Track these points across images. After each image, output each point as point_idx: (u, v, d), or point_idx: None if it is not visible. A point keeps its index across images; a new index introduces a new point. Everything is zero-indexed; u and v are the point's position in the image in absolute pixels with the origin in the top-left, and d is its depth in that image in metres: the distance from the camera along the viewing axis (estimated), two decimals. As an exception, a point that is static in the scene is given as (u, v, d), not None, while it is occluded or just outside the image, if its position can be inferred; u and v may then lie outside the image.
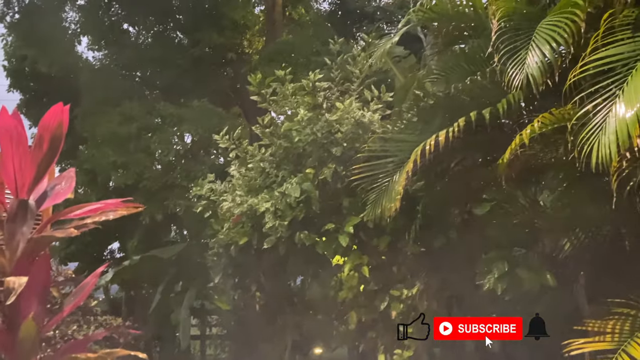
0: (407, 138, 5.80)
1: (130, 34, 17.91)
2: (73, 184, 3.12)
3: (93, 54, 17.43)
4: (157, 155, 14.39)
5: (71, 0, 16.85)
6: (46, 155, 2.84)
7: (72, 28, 16.83)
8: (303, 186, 6.35)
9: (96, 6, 16.76)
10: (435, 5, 5.49)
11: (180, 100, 15.89)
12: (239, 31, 18.20)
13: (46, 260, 2.68)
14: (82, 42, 17.05)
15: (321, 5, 19.49)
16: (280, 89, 7.57)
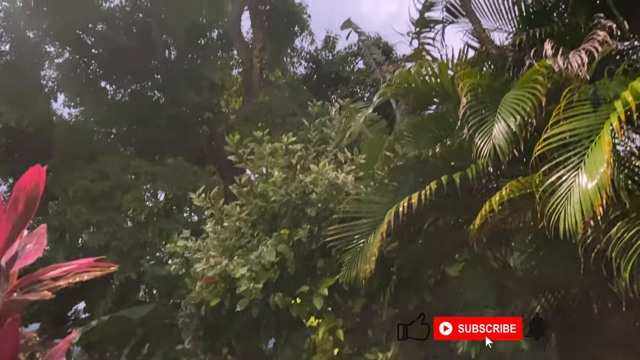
0: (380, 200, 5.91)
1: (107, 92, 18.14)
2: (44, 242, 3.08)
3: (69, 111, 17.49)
4: (129, 213, 14.25)
5: (49, 59, 17.04)
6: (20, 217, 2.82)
7: (49, 85, 16.94)
8: (278, 248, 6.36)
9: (75, 64, 17.01)
10: (405, 79, 5.75)
11: (155, 158, 15.94)
12: (216, 91, 18.65)
13: (15, 325, 2.61)
14: (58, 99, 17.12)
15: (297, 69, 20.17)
16: (257, 149, 7.69)
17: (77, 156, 14.89)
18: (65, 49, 17.29)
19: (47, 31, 16.30)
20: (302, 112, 14.06)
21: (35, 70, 16.48)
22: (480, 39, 6.34)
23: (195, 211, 14.63)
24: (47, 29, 16.12)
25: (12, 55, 16.12)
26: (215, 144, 17.43)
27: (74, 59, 17.23)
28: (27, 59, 16.07)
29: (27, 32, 16.23)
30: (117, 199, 14.05)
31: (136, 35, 17.63)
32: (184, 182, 14.19)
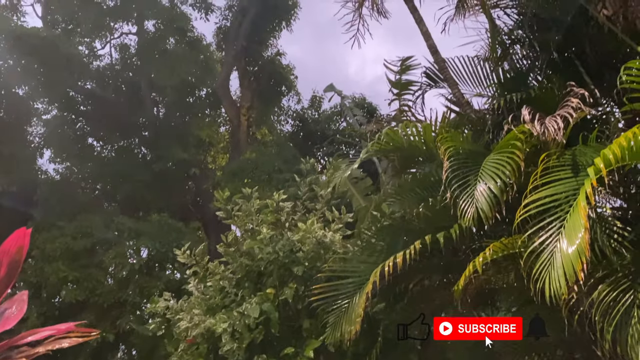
0: (366, 259, 5.92)
1: (94, 148, 18.23)
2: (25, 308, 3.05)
3: (55, 166, 17.46)
4: (110, 270, 14.02)
5: (37, 115, 17.18)
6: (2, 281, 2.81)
7: (35, 141, 16.99)
8: (263, 306, 6.26)
9: (62, 121, 17.16)
10: (390, 138, 5.92)
11: (139, 214, 15.85)
12: (203, 148, 18.88)
13: (-8, 394, 2.54)
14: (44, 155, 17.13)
15: (284, 127, 20.55)
16: (245, 206, 7.70)
17: (60, 213, 14.76)
18: (53, 106, 17.48)
19: (37, 88, 16.51)
20: (288, 168, 14.24)
21: (22, 126, 16.56)
22: (459, 104, 6.60)
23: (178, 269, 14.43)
24: (36, 85, 16.33)
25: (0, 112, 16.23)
26: (201, 200, 17.44)
27: (62, 116, 17.41)
28: (15, 116, 16.17)
29: (16, 89, 16.42)
30: (99, 255, 13.86)
31: (125, 93, 17.97)
32: (167, 239, 14.07)
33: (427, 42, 7.29)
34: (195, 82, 18.37)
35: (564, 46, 6.12)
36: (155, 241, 14.21)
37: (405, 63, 7.40)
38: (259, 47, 18.68)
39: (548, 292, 3.68)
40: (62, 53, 15.22)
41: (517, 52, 6.89)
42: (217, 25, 19.71)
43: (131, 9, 17.39)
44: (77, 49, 17.13)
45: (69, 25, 17.72)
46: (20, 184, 15.45)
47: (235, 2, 19.01)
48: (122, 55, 18.76)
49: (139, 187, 16.01)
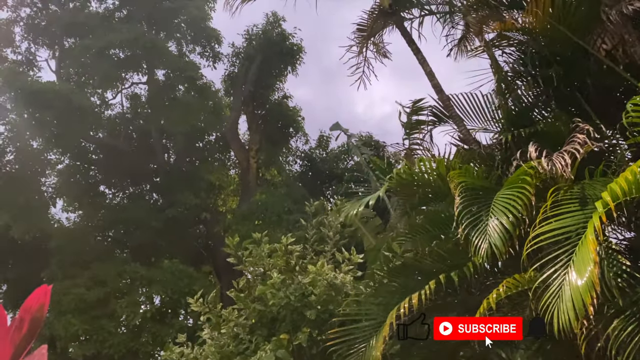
0: (380, 300, 5.87)
1: (106, 195, 18.43)
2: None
3: (67, 215, 17.65)
4: (122, 320, 13.95)
5: (51, 165, 17.49)
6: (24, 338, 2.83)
7: (48, 191, 17.23)
8: (277, 353, 6.18)
9: (74, 170, 17.44)
10: (400, 177, 5.97)
11: (151, 260, 15.88)
12: (214, 192, 19.03)
13: None
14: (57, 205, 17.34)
15: (292, 167, 20.72)
16: (255, 251, 7.71)
17: (73, 263, 14.83)
18: (66, 156, 17.80)
19: (50, 139, 16.86)
20: (298, 209, 14.28)
21: (35, 178, 16.84)
22: (467, 141, 6.66)
23: (191, 315, 14.33)
24: (50, 137, 16.69)
25: (15, 165, 16.55)
26: (212, 243, 17.47)
27: (74, 165, 17.71)
28: (29, 168, 16.49)
29: (30, 141, 16.80)
30: (112, 304, 13.83)
31: (136, 141, 18.30)
32: (179, 285, 14.04)
33: (432, 82, 7.44)
34: (205, 127, 18.71)
35: (567, 80, 6.21)
36: (167, 288, 14.20)
37: (416, 105, 7.55)
38: (266, 91, 19.09)
39: (556, 325, 3.64)
40: (75, 105, 15.65)
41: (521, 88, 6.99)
42: (225, 72, 20.25)
43: (141, 60, 17.91)
44: (89, 100, 17.59)
45: (81, 78, 18.25)
46: (35, 234, 15.60)
47: (242, 49, 19.54)
48: (133, 104, 19.22)
49: (150, 233, 16.09)
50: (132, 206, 17.52)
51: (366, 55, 8.87)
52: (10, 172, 16.42)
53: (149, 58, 17.66)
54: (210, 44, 19.22)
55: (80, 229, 17.08)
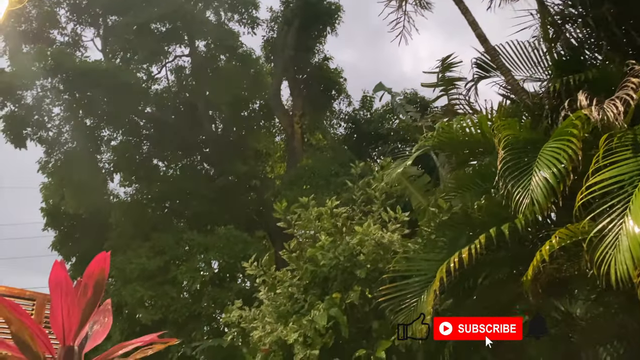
0: (430, 257, 5.88)
1: (159, 168, 19.01)
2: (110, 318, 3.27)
3: (125, 190, 18.42)
4: (184, 285, 14.56)
5: (106, 142, 18.19)
6: (90, 302, 3.03)
7: (106, 167, 17.97)
8: (331, 312, 6.34)
9: (128, 146, 18.04)
10: (445, 132, 5.86)
11: (207, 228, 16.40)
12: (261, 159, 19.29)
13: (89, 408, 2.75)
14: (114, 180, 18.09)
15: (337, 130, 20.62)
16: (303, 214, 7.85)
17: (133, 234, 15.53)
18: (118, 132, 18.44)
19: (102, 117, 17.51)
20: (345, 172, 14.31)
21: (92, 155, 17.59)
22: (514, 91, 6.42)
23: (247, 278, 14.81)
24: (101, 115, 17.33)
25: (72, 143, 17.34)
26: (264, 209, 17.83)
27: (126, 141, 18.31)
28: (85, 145, 17.22)
29: (84, 120, 17.48)
30: (172, 272, 14.43)
31: (184, 113, 18.68)
32: (234, 251, 14.48)
33: (475, 32, 7.16)
34: (248, 95, 18.84)
35: (620, 19, 5.82)
36: (223, 253, 14.67)
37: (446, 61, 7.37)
38: (306, 54, 18.92)
39: (614, 275, 3.54)
40: (122, 81, 16.12)
41: (571, 31, 6.63)
42: (265, 38, 20.18)
43: (182, 32, 18.11)
44: (135, 75, 18.03)
45: (126, 54, 18.66)
46: (95, 209, 16.41)
47: (280, 13, 19.38)
48: (178, 77, 19.54)
49: (204, 202, 16.58)
50: (185, 177, 18.05)
51: (406, 8, 8.61)
52: (67, 151, 17.22)
53: (190, 30, 17.82)
54: (248, 10, 19.15)
55: (138, 201, 17.80)
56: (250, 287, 13.82)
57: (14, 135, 16.21)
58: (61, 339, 2.91)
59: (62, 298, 2.84)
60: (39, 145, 16.88)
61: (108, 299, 3.62)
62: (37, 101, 16.53)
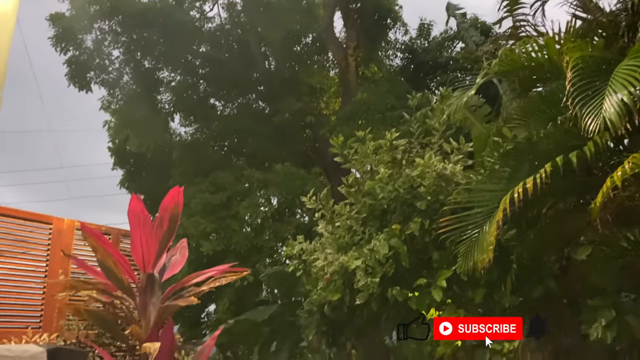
0: (492, 187, 5.78)
1: (217, 108, 19.31)
2: (186, 254, 3.49)
3: (185, 129, 18.93)
4: (246, 219, 15.09)
5: (165, 83, 18.56)
6: (166, 233, 3.21)
7: (165, 108, 18.44)
8: (391, 242, 6.44)
9: (186, 86, 18.34)
10: (509, 58, 5.57)
11: (265, 165, 16.74)
12: (316, 95, 19.15)
13: (171, 327, 2.98)
14: (175, 119, 18.58)
15: (393, 61, 19.97)
16: (360, 148, 7.85)
17: (194, 172, 16.08)
18: (176, 73, 18.72)
19: (159, 58, 17.78)
20: (402, 104, 14.01)
21: (152, 95, 18.05)
22: (586, 9, 5.95)
23: (306, 212, 15.16)
24: (158, 56, 17.59)
25: (132, 85, 17.82)
26: (319, 146, 17.91)
27: (184, 81, 18.59)
28: (145, 86, 17.66)
29: (143, 61, 17.83)
30: (234, 207, 14.95)
31: (237, 51, 18.63)
32: (292, 187, 14.77)
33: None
34: (301, 29, 18.46)
35: None
36: (282, 189, 15.01)
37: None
38: (359, -18, 18.15)
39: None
40: (177, 21, 16.17)
41: None
42: (315, -32, 19.46)
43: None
44: (189, 14, 18.03)
45: (178, -7, 18.61)
46: (158, 148, 17.04)
47: (329, -60, 18.51)
48: (230, 14, 19.36)
49: (261, 140, 16.83)
50: (241, 116, 18.28)
51: None
52: (128, 93, 17.75)
53: (239, -37, 17.43)
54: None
55: (198, 140, 18.30)
56: (309, 221, 14.17)
57: (78, 79, 16.80)
58: (142, 267, 3.12)
59: (140, 229, 3.03)
60: (102, 87, 17.47)
61: (184, 238, 3.81)
62: (96, 44, 16.93)
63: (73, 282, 3.29)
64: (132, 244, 3.02)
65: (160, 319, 2.85)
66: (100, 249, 2.81)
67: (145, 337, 2.67)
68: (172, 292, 3.19)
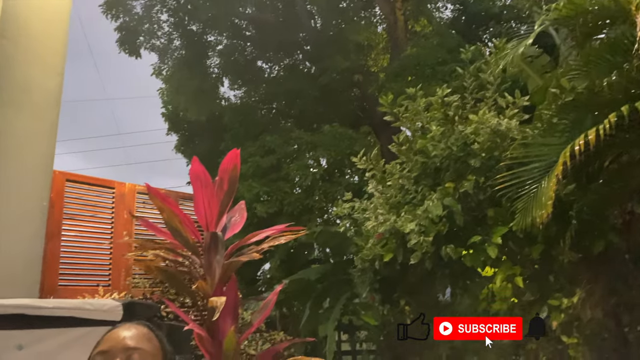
0: (551, 141, 5.58)
1: (264, 70, 19.34)
2: (245, 215, 3.59)
3: (234, 93, 19.13)
4: (296, 181, 15.29)
5: (212, 47, 18.69)
6: (226, 194, 3.32)
7: (215, 72, 18.62)
8: (444, 201, 6.38)
9: (233, 49, 18.42)
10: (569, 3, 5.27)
11: (313, 127, 16.76)
12: (363, 52, 18.80)
13: (235, 283, 3.12)
14: (224, 84, 18.77)
15: (443, 14, 19.23)
16: (411, 106, 7.70)
17: (244, 135, 16.31)
18: (223, 36, 18.79)
19: (206, 22, 17.87)
20: (453, 58, 13.57)
21: (201, 60, 18.25)
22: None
23: (355, 173, 15.17)
24: (206, 20, 17.67)
25: (182, 50, 18.05)
26: (367, 105, 17.71)
27: (231, 44, 18.66)
28: (194, 51, 17.85)
29: (190, 26, 17.98)
30: (284, 169, 15.15)
31: (282, 11, 18.45)
32: (341, 147, 14.76)
33: None
34: (347, -16, 18.04)
35: None
36: (330, 150, 15.03)
37: None
38: None
39: None
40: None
41: None
42: None
43: None
44: (233, -25, 17.94)
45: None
46: (209, 113, 17.35)
47: None
48: (274, -27, 19.12)
49: (309, 101, 16.79)
50: (289, 77, 18.24)
51: None
52: (178, 57, 18.01)
53: None
54: None
55: (247, 104, 18.48)
56: (359, 182, 14.19)
57: (128, 45, 17.16)
58: (205, 226, 3.25)
59: (202, 190, 3.14)
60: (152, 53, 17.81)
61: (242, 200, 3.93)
62: (146, 10, 17.16)
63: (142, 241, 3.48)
64: (195, 205, 3.14)
65: (225, 275, 2.98)
66: (167, 209, 2.94)
67: (211, 292, 2.81)
68: (234, 249, 3.32)
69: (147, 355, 1.43)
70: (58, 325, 2.40)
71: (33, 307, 2.33)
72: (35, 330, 2.32)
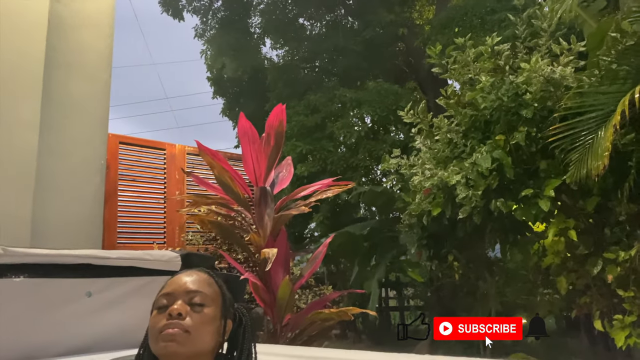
0: (608, 89, 5.31)
1: (305, 28, 19.08)
2: (292, 170, 3.64)
3: (276, 52, 19.04)
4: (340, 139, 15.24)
5: (253, 8, 18.55)
6: (273, 149, 3.36)
7: (257, 32, 18.54)
8: (494, 154, 6.21)
9: (274, 7, 18.21)
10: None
11: (357, 83, 16.53)
12: (408, 4, 18.19)
13: (285, 235, 3.19)
14: (266, 44, 18.69)
15: (492, -41, 18.19)
16: (460, 57, 7.45)
17: (288, 95, 16.28)
18: (263, -6, 18.62)
19: (246, -20, 17.73)
20: (502, 7, 12.96)
21: (243, 20, 18.18)
22: None
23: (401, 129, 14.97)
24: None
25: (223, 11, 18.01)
26: (413, 59, 17.27)
27: (272, 3, 18.45)
28: (236, 11, 17.78)
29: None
30: (328, 128, 15.11)
31: (322, -34, 18.03)
32: (386, 103, 14.54)
33: None
34: None
35: None
36: (375, 107, 14.84)
37: None
38: None
39: None
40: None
41: None
42: None
43: None
44: None
45: None
46: (252, 73, 17.38)
47: None
48: None
49: (352, 57, 16.52)
50: (331, 34, 17.95)
51: None
52: (220, 18, 17.99)
53: None
54: None
55: (289, 63, 18.37)
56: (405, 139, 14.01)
57: (171, 8, 17.26)
58: (254, 181, 3.32)
59: (250, 145, 3.19)
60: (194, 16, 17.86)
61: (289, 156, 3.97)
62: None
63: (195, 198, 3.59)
64: (244, 160, 3.20)
65: (275, 228, 3.04)
66: (217, 166, 3.00)
67: (263, 244, 2.89)
68: (283, 204, 3.37)
69: (207, 299, 1.51)
70: (122, 275, 2.56)
71: (99, 257, 2.48)
72: (101, 279, 2.48)
